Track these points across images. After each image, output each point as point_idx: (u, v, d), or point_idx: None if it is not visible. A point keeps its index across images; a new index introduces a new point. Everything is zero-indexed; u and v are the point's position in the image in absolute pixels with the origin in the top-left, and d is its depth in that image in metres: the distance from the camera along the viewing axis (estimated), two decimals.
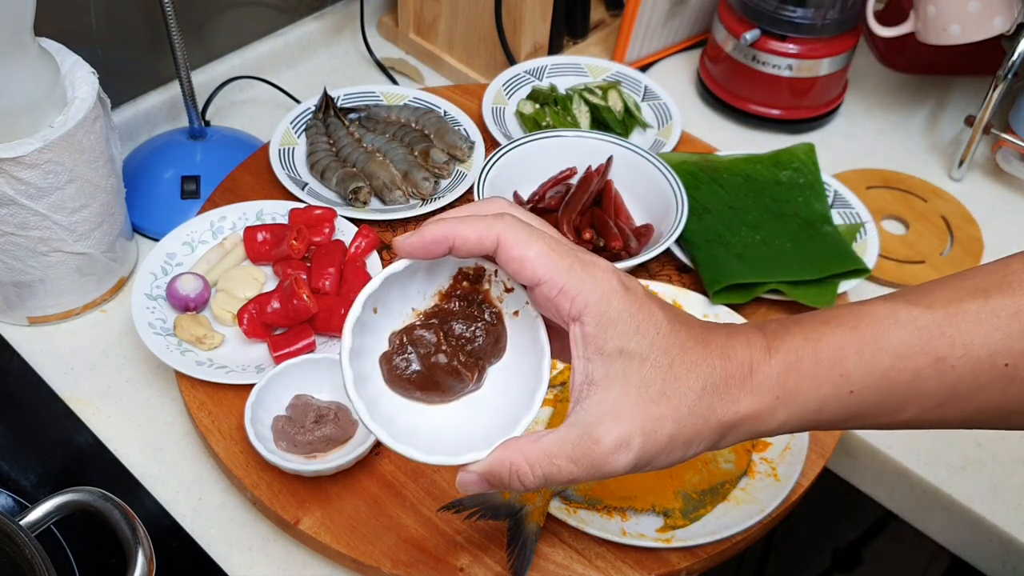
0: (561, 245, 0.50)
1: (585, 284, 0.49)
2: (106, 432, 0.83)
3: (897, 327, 0.50)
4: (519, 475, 0.50)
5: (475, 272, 0.54)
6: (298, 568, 0.76)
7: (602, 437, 0.48)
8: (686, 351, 0.50)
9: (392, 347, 0.54)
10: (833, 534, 1.17)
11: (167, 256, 0.91)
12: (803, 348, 0.51)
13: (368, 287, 0.52)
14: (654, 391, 0.49)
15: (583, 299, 0.49)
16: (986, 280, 0.50)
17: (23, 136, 0.79)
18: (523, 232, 0.50)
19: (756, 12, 1.08)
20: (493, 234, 0.50)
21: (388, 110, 1.08)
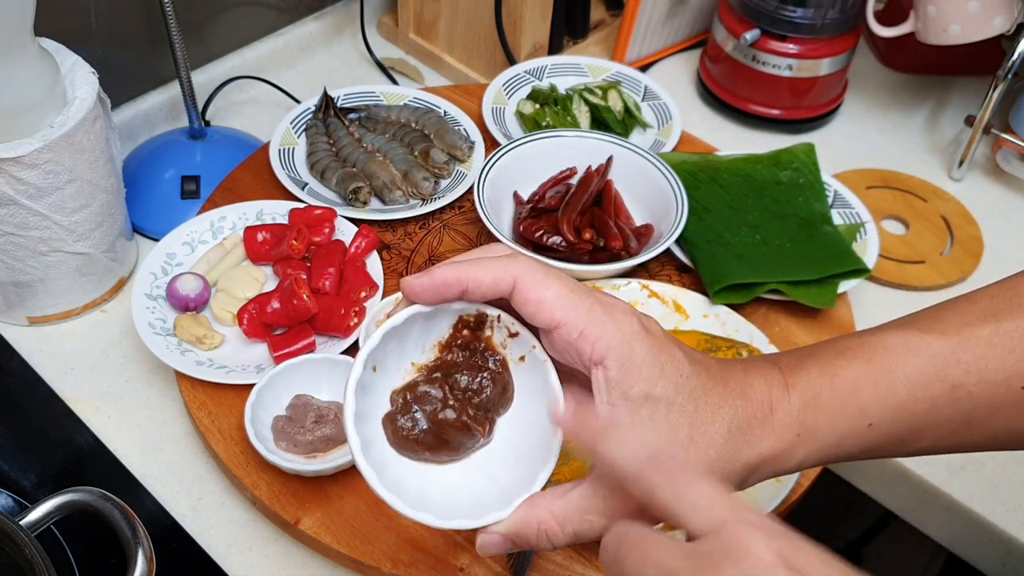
0: (579, 287, 0.48)
1: (606, 327, 0.47)
2: (106, 432, 0.83)
3: (911, 356, 0.50)
4: (548, 535, 0.48)
5: (476, 319, 0.52)
6: (298, 568, 0.76)
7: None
8: (708, 393, 0.48)
9: (395, 407, 0.51)
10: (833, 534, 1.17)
11: (167, 256, 0.91)
12: (820, 383, 0.50)
13: (368, 343, 0.49)
14: (683, 436, 0.47)
15: (604, 343, 0.47)
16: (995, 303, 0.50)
17: (23, 136, 0.79)
18: (540, 273, 0.48)
19: (756, 12, 1.08)
20: (509, 276, 0.48)
21: (388, 110, 1.08)
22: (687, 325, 0.88)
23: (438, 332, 0.52)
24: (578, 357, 0.48)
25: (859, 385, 0.49)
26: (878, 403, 0.49)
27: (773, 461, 0.49)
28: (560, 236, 0.91)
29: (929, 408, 0.49)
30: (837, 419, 0.49)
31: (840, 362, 0.50)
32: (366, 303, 0.88)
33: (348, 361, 0.81)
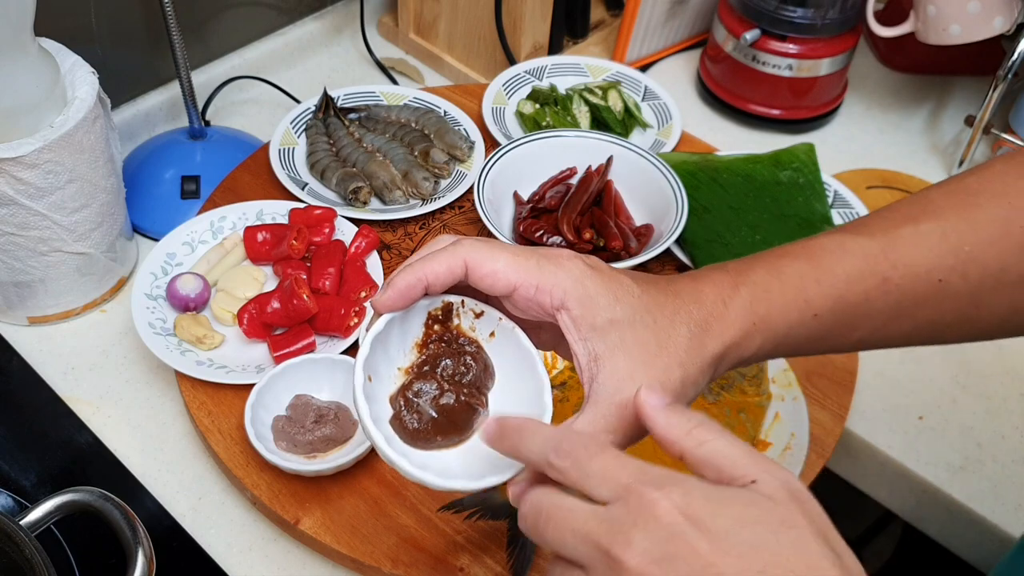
0: (523, 250, 0.53)
1: (557, 275, 0.52)
2: (106, 432, 0.83)
3: (847, 255, 0.56)
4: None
5: (443, 310, 0.56)
6: (298, 568, 0.76)
7: (629, 400, 0.51)
8: (663, 306, 0.54)
9: (397, 410, 0.55)
10: None
11: (167, 256, 0.91)
12: (768, 280, 0.55)
13: (360, 354, 0.53)
14: (653, 347, 0.52)
15: (560, 289, 0.52)
16: (912, 209, 0.57)
17: (23, 136, 0.79)
18: (484, 248, 0.53)
19: (756, 12, 1.08)
20: (459, 260, 0.52)
21: (388, 110, 1.08)
22: None
23: (413, 333, 0.56)
24: (541, 309, 0.53)
25: (803, 281, 0.55)
26: (821, 296, 0.55)
27: (735, 349, 0.55)
28: (560, 236, 0.91)
29: (864, 300, 0.55)
30: (787, 310, 0.55)
31: (784, 262, 0.56)
32: (366, 303, 0.88)
33: (348, 361, 0.81)
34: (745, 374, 0.83)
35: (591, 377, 0.52)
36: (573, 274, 0.52)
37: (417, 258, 0.53)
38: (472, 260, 0.52)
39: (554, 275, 0.52)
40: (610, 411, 0.51)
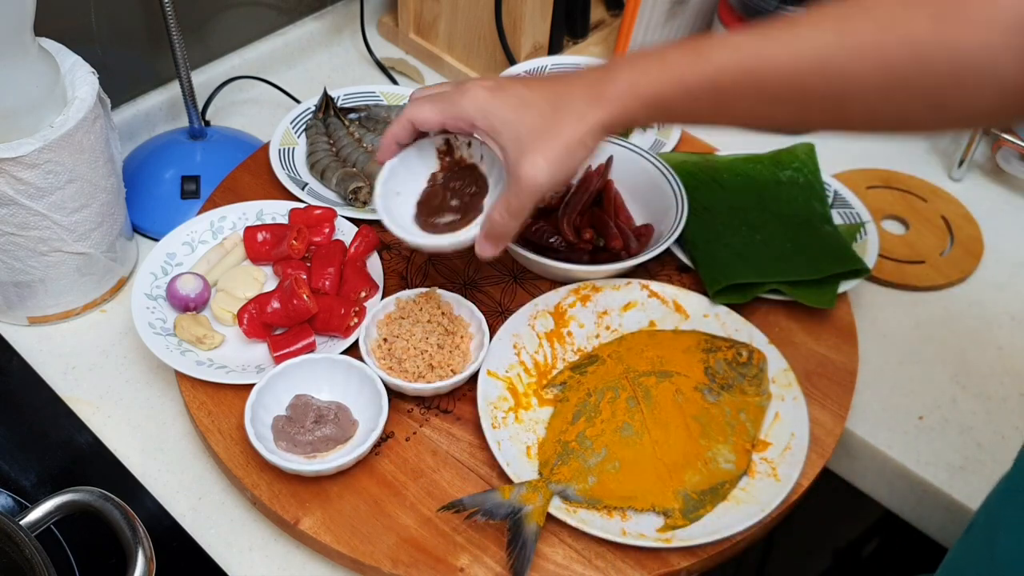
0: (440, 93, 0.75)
1: (463, 105, 0.73)
2: (106, 432, 0.83)
3: (726, 50, 0.67)
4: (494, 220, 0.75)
5: (445, 144, 0.81)
6: (298, 568, 0.76)
7: (522, 173, 0.71)
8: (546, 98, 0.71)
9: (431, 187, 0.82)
10: (833, 534, 1.17)
11: (167, 256, 0.91)
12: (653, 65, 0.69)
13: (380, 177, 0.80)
14: (540, 128, 0.71)
15: (466, 113, 0.73)
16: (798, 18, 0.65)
17: (23, 136, 0.79)
18: (416, 105, 0.76)
19: (756, 12, 1.08)
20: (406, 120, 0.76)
21: (388, 110, 1.08)
22: (687, 325, 0.88)
23: (429, 164, 0.82)
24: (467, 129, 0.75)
25: (682, 67, 0.68)
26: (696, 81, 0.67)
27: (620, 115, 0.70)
28: (560, 236, 0.91)
29: (732, 85, 0.66)
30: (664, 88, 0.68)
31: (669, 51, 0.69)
32: (366, 303, 0.88)
33: (348, 361, 0.81)
34: (745, 374, 0.83)
35: (504, 162, 0.73)
36: (475, 101, 0.72)
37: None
38: (412, 117, 0.76)
39: (460, 107, 0.73)
40: (513, 183, 0.72)
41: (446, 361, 0.82)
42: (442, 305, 0.86)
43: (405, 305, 0.86)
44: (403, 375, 0.81)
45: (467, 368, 0.82)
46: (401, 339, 0.83)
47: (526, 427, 0.80)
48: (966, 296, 0.98)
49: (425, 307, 0.85)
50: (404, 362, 0.82)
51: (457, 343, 0.84)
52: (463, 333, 0.85)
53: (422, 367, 0.81)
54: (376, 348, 0.84)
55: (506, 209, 0.73)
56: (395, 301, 0.86)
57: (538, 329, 0.87)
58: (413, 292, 0.87)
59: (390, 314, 0.86)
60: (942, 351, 0.92)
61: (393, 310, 0.86)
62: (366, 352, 0.82)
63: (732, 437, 0.79)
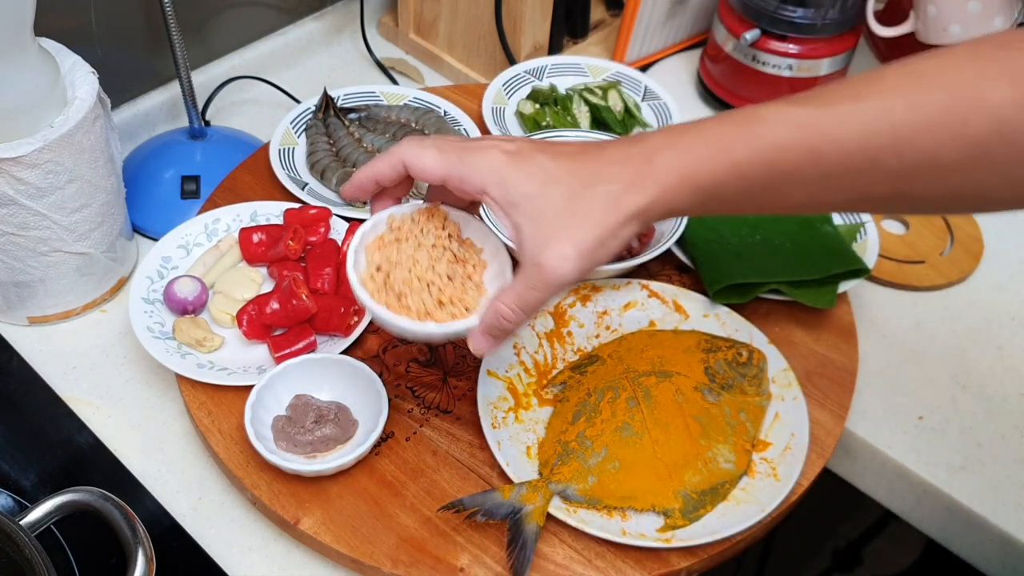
0: (451, 144, 0.62)
1: (476, 165, 0.61)
2: (106, 432, 0.83)
3: (780, 124, 0.58)
4: (503, 315, 0.63)
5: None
6: (298, 568, 0.76)
7: (544, 261, 0.60)
8: (575, 172, 0.60)
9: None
10: (833, 534, 1.17)
11: (162, 260, 0.91)
12: (697, 141, 0.59)
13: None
14: (567, 211, 0.60)
15: (479, 176, 0.61)
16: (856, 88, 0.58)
17: (23, 136, 0.79)
18: (416, 146, 0.63)
19: (756, 12, 1.08)
20: (397, 159, 0.63)
21: (388, 110, 1.08)
22: (687, 325, 0.88)
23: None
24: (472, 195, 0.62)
25: (732, 144, 0.58)
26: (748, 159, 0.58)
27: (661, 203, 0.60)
28: None
29: (795, 168, 0.58)
30: (713, 168, 0.59)
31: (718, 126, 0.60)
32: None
33: (348, 361, 0.81)
34: (745, 374, 0.83)
35: (518, 245, 0.61)
36: (491, 162, 0.61)
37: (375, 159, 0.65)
38: (406, 158, 0.63)
39: (473, 166, 0.61)
40: (531, 272, 0.61)
41: (458, 296, 0.67)
42: (447, 225, 0.69)
43: (401, 225, 0.68)
44: (405, 312, 0.66)
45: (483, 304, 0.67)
46: (400, 267, 0.67)
47: (526, 427, 0.80)
48: (966, 296, 0.98)
49: (427, 227, 0.69)
50: (405, 297, 0.66)
51: (469, 273, 0.68)
52: (475, 261, 0.69)
53: (429, 303, 0.66)
54: (368, 280, 0.67)
55: (518, 302, 0.62)
56: (387, 220, 0.69)
57: (538, 329, 0.87)
58: (410, 208, 0.69)
59: (381, 236, 0.69)
60: (942, 351, 0.92)
61: (385, 231, 0.69)
62: (357, 283, 0.66)
63: (732, 437, 0.79)
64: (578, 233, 0.59)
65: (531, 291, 0.61)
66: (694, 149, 0.59)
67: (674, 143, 0.60)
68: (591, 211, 0.59)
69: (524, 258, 0.61)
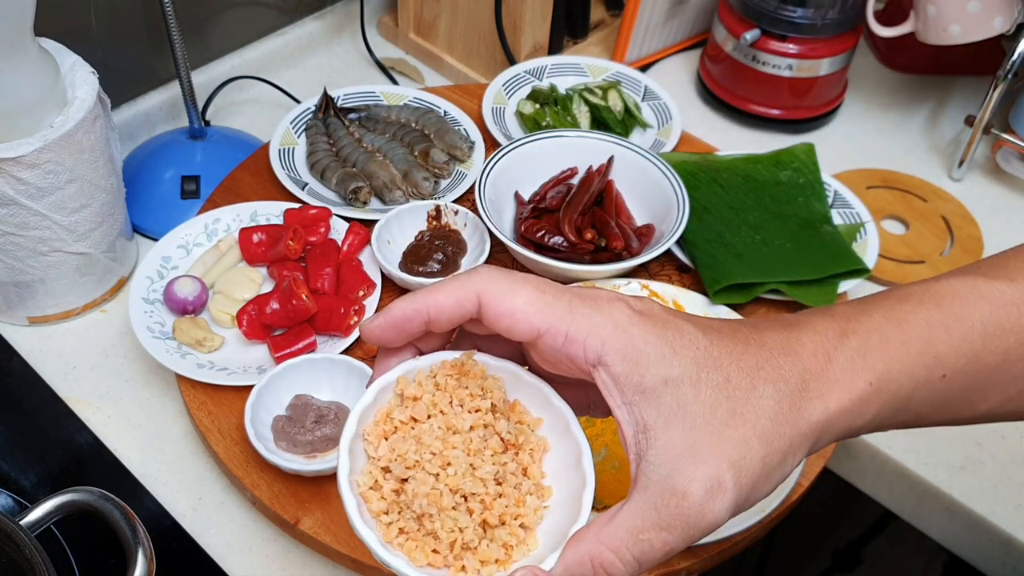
0: (552, 286, 0.43)
1: (593, 320, 0.41)
2: (106, 432, 0.83)
3: (983, 303, 0.45)
4: (607, 569, 0.40)
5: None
6: (298, 568, 0.76)
7: (688, 488, 0.40)
8: (739, 359, 0.42)
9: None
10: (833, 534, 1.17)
11: (162, 260, 0.91)
12: (887, 328, 0.44)
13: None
14: (723, 413, 0.41)
15: (596, 338, 0.41)
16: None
17: (23, 136, 0.79)
18: (505, 281, 0.42)
19: (756, 12, 1.08)
20: (471, 292, 0.42)
21: (388, 110, 1.08)
22: None
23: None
24: (573, 364, 0.42)
25: (931, 331, 0.44)
26: (952, 352, 0.44)
27: (844, 416, 0.43)
28: (561, 236, 0.91)
29: (1002, 360, 0.45)
30: (912, 366, 0.44)
31: (906, 307, 0.45)
32: (364, 301, 0.88)
33: (348, 361, 0.81)
34: None
35: (639, 454, 0.41)
36: (615, 320, 0.41)
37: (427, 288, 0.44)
38: (487, 295, 0.42)
39: (589, 320, 0.41)
40: (663, 501, 0.40)
41: (512, 512, 0.44)
42: (488, 387, 0.46)
43: (418, 394, 0.45)
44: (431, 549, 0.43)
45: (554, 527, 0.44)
46: (421, 471, 0.43)
47: None
48: None
49: (458, 394, 0.45)
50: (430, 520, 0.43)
51: (525, 465, 0.45)
52: (533, 443, 0.45)
53: (469, 532, 0.43)
54: (371, 492, 0.44)
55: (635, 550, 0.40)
56: (396, 383, 0.45)
57: None
58: (429, 363, 0.46)
59: (388, 414, 0.45)
60: None
61: (393, 404, 0.46)
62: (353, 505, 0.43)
63: None
64: (739, 451, 0.41)
65: (660, 533, 0.40)
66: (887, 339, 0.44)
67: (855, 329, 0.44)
68: (758, 419, 0.41)
69: (649, 477, 0.40)
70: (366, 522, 0.42)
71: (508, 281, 0.42)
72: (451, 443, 0.43)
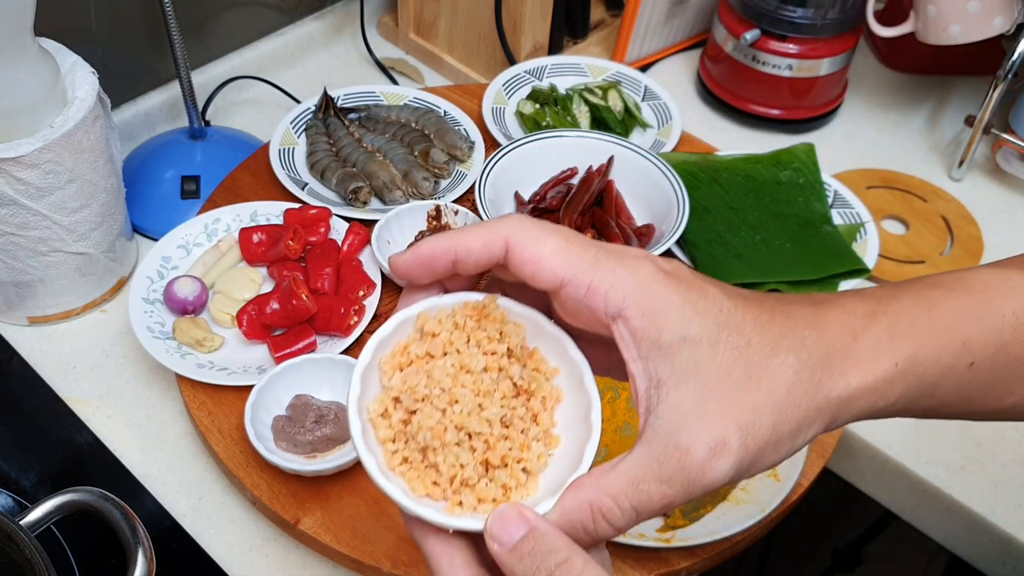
0: (580, 238, 0.43)
1: (617, 274, 0.41)
2: (106, 432, 0.83)
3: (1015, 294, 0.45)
4: (605, 515, 0.41)
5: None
6: (298, 568, 0.76)
7: (692, 444, 0.40)
8: (762, 326, 0.42)
9: None
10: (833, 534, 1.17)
11: (162, 260, 0.91)
12: (916, 312, 0.44)
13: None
14: (738, 376, 0.40)
15: (618, 291, 0.41)
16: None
17: (23, 136, 0.79)
18: (534, 229, 0.42)
19: (756, 12, 1.08)
20: (499, 236, 0.42)
21: (388, 110, 1.08)
22: None
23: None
24: (593, 317, 0.42)
25: (961, 319, 0.44)
26: (982, 340, 0.44)
27: (867, 395, 0.42)
28: None
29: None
30: (939, 352, 0.43)
31: (937, 293, 0.45)
32: (364, 301, 0.88)
33: (348, 361, 0.81)
34: None
35: (648, 408, 0.41)
36: (639, 276, 0.41)
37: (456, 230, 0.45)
38: (514, 239, 0.42)
39: (613, 274, 0.41)
40: (666, 455, 0.40)
41: (515, 456, 0.44)
42: (507, 332, 0.45)
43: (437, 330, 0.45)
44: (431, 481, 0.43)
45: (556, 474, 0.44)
46: (430, 405, 0.43)
47: None
48: None
49: (477, 336, 0.45)
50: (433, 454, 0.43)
51: (535, 412, 0.45)
52: (545, 391, 0.45)
53: (469, 468, 0.43)
54: (380, 419, 0.44)
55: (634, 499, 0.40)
56: (417, 320, 0.45)
57: None
58: (452, 302, 0.46)
59: (406, 346, 0.45)
60: None
61: (412, 338, 0.46)
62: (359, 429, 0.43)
63: None
64: (749, 415, 0.40)
65: (659, 485, 0.40)
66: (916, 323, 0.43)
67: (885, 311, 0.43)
68: (774, 386, 0.41)
69: (655, 430, 0.40)
70: (370, 448, 0.43)
71: (537, 229, 0.43)
72: (461, 382, 0.44)
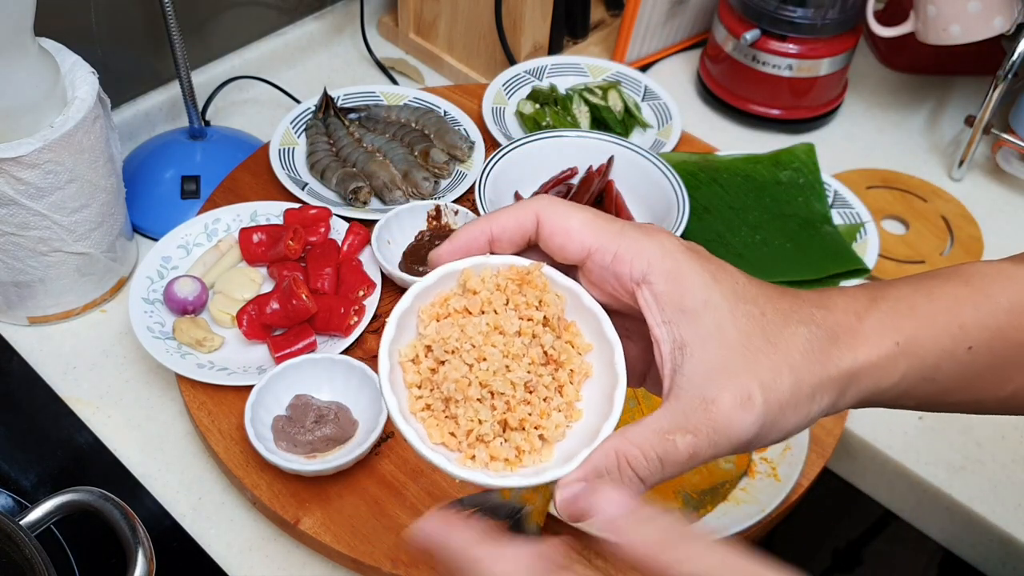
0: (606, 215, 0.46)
1: (641, 243, 0.43)
2: (106, 432, 0.83)
3: (1011, 283, 0.47)
4: (631, 463, 0.42)
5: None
6: (298, 568, 0.76)
7: (718, 396, 0.41)
8: (773, 300, 0.44)
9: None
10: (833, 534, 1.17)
11: (162, 260, 0.91)
12: (915, 297, 0.46)
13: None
14: (757, 340, 0.42)
15: (643, 258, 0.43)
16: None
17: (23, 136, 0.79)
18: (562, 206, 0.45)
19: (756, 12, 1.08)
20: (531, 213, 0.45)
21: (388, 110, 1.08)
22: None
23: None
24: (618, 283, 0.44)
25: (958, 304, 0.46)
26: (978, 325, 0.46)
27: (873, 371, 0.44)
28: None
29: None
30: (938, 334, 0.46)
31: (935, 282, 0.47)
32: (364, 301, 0.88)
33: (348, 361, 0.81)
34: None
35: (674, 368, 0.42)
36: (663, 246, 0.43)
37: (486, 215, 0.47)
38: (545, 214, 0.45)
39: (638, 243, 0.43)
40: (693, 406, 0.41)
41: (534, 421, 0.45)
42: (546, 301, 0.46)
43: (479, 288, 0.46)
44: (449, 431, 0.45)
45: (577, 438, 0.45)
46: (458, 358, 0.44)
47: None
48: None
49: (516, 299, 0.46)
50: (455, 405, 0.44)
51: (561, 383, 0.46)
52: (575, 364, 0.46)
53: (487, 424, 0.44)
54: (410, 364, 0.45)
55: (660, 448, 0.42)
56: (461, 275, 0.46)
57: None
58: (499, 263, 0.46)
59: (446, 298, 0.46)
60: None
61: (454, 291, 0.46)
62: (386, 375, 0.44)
63: None
64: (770, 374, 0.42)
65: (686, 435, 0.41)
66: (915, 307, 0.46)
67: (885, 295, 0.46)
68: (790, 351, 0.43)
69: (681, 387, 0.42)
70: (395, 390, 0.44)
71: (564, 205, 0.45)
72: (492, 341, 0.45)
